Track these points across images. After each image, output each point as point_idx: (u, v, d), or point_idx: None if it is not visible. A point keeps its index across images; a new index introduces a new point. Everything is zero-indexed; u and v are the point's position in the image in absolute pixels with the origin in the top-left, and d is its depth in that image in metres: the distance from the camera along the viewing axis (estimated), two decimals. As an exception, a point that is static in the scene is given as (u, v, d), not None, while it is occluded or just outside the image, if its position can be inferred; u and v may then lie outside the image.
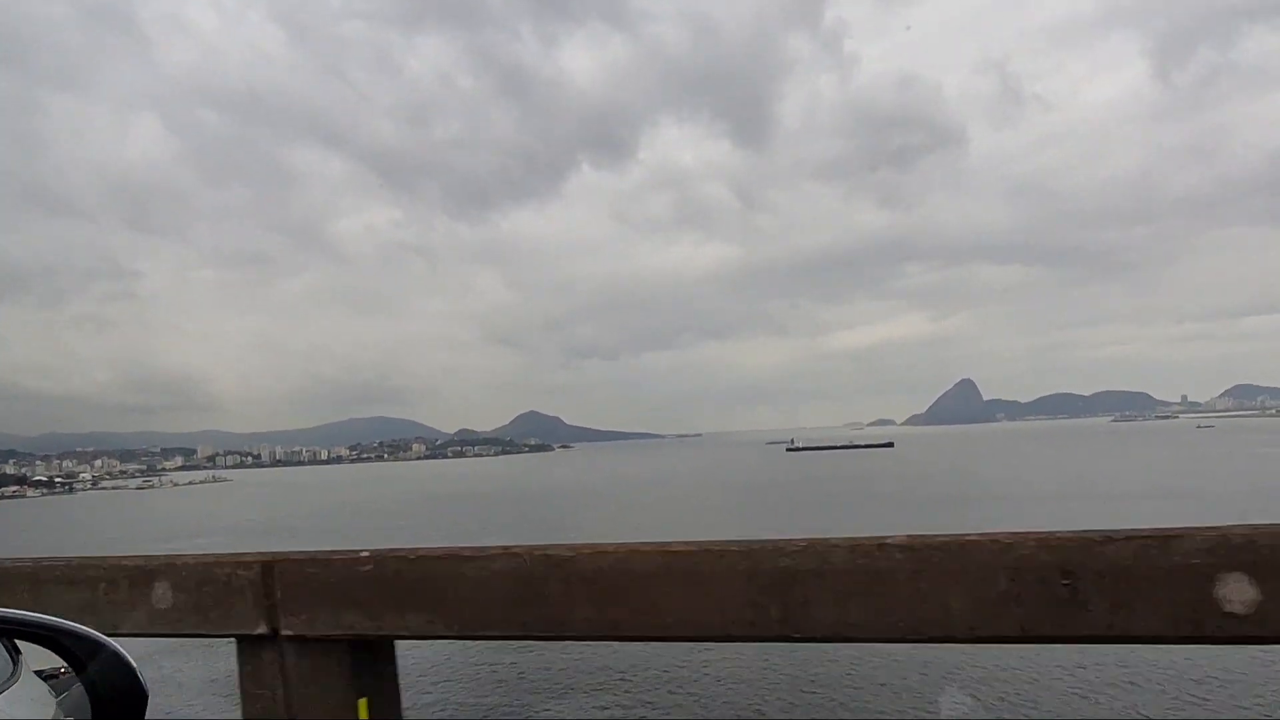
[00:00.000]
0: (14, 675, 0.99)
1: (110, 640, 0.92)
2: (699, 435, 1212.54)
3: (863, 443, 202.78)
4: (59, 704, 0.92)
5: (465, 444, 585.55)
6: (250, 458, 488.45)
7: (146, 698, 0.90)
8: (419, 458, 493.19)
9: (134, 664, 0.90)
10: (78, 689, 0.91)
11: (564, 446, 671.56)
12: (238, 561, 1.54)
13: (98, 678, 0.89)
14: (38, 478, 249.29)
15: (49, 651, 0.94)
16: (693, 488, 73.81)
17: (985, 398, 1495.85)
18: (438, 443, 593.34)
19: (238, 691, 1.39)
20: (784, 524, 37.81)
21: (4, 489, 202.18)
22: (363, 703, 1.48)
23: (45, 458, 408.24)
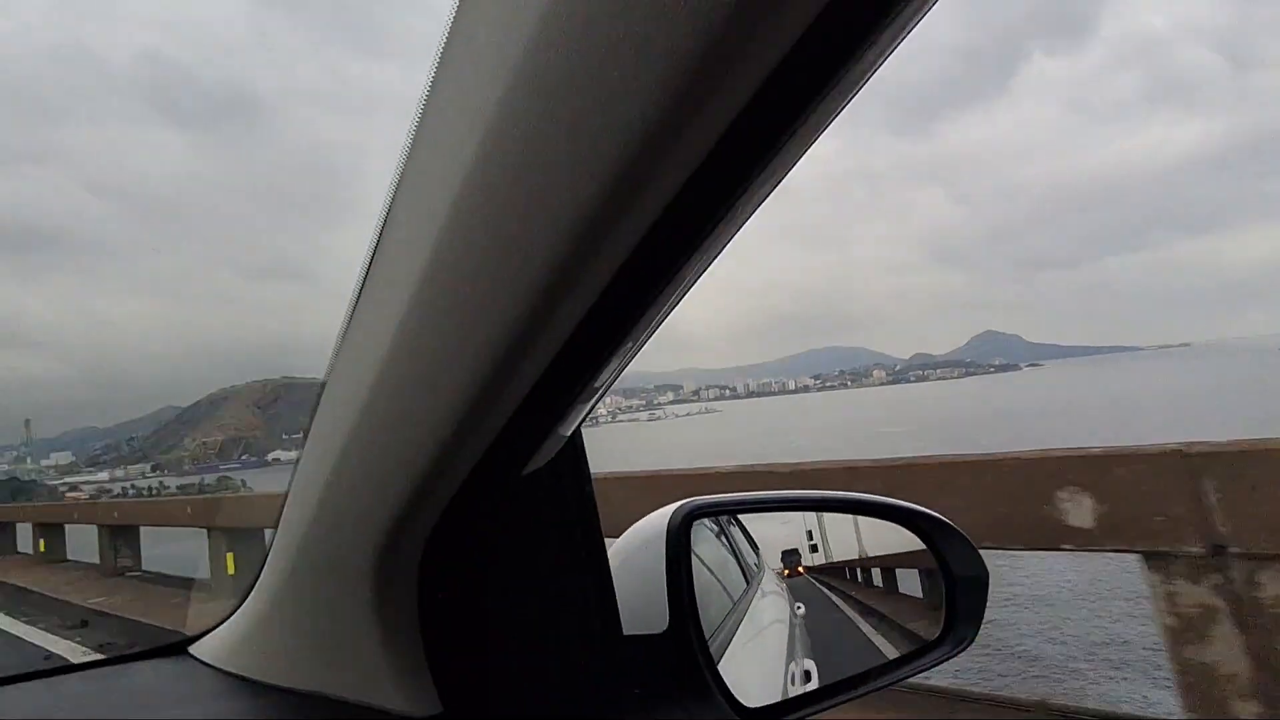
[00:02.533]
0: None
1: (951, 523, 0.94)
2: (1187, 345, 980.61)
3: None
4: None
5: (924, 368, 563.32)
6: (728, 390, 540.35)
7: (988, 577, 0.93)
8: (880, 384, 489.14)
9: (974, 544, 0.93)
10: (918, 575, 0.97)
11: (1032, 365, 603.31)
12: None
13: (949, 558, 0.94)
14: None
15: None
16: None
17: None
18: (896, 368, 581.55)
19: None
20: None
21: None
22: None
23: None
